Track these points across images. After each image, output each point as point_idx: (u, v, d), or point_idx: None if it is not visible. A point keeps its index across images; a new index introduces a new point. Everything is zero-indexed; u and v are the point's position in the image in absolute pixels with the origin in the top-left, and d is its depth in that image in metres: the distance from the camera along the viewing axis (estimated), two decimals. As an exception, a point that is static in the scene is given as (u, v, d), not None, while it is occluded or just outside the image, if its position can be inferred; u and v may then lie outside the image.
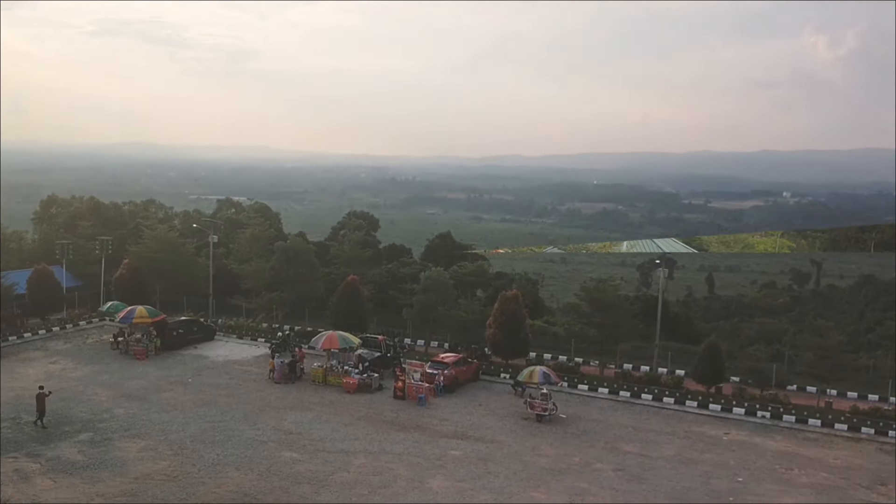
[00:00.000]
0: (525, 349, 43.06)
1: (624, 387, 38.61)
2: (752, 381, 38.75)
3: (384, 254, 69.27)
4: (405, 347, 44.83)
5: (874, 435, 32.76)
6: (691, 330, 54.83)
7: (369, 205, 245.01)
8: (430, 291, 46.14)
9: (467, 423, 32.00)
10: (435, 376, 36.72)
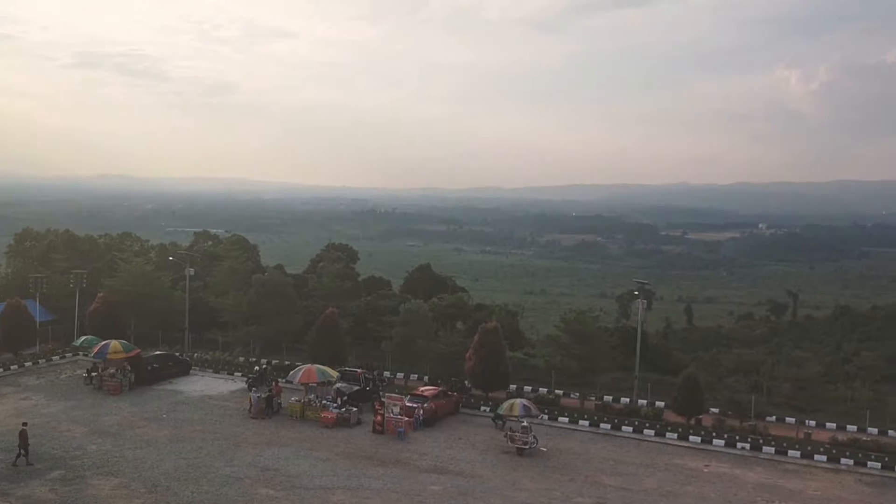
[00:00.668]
0: (505, 382, 42.85)
1: (604, 419, 38.46)
2: (731, 412, 38.84)
3: (363, 286, 69.01)
4: (384, 381, 44.44)
5: (853, 466, 32.80)
6: (670, 361, 54.98)
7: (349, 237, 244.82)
8: (410, 324, 45.91)
9: (447, 458, 31.65)
10: (414, 410, 36.30)
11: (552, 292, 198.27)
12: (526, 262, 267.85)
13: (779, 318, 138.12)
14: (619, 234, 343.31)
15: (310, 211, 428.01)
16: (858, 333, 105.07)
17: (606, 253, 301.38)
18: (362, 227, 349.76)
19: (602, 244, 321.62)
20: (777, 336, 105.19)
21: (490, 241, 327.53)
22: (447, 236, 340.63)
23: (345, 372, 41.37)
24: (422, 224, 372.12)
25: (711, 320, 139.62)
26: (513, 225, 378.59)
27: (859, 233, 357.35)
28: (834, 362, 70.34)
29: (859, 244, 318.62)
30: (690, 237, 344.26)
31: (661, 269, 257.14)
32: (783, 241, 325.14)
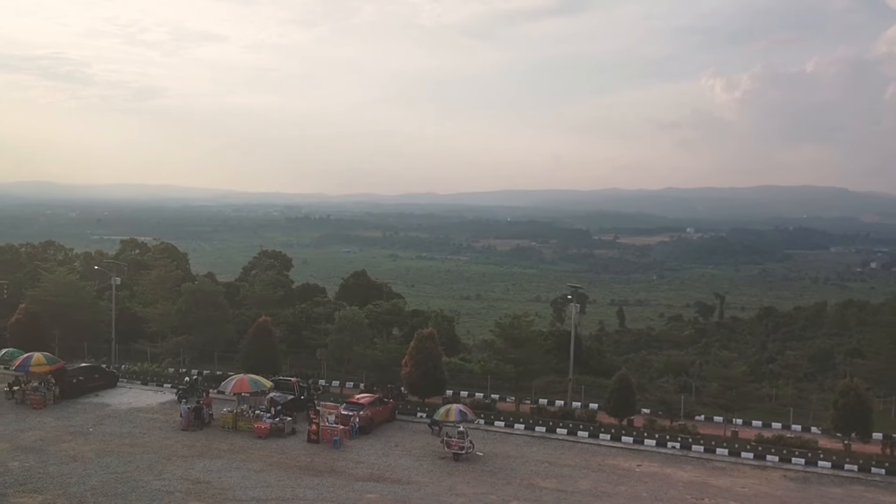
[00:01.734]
0: (441, 387, 42.86)
1: (539, 422, 38.84)
2: (661, 412, 39.72)
3: (297, 293, 68.15)
4: (319, 389, 44.01)
5: (779, 462, 33.88)
6: (604, 363, 55.95)
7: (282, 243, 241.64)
8: (345, 331, 45.55)
9: (384, 465, 31.45)
10: (350, 418, 36.05)
11: (488, 297, 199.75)
12: (462, 268, 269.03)
13: (706, 319, 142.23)
14: (553, 239, 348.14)
15: (241, 218, 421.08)
16: (782, 333, 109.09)
17: (541, 257, 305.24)
18: (296, 233, 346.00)
19: (536, 249, 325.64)
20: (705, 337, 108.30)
21: (426, 247, 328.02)
22: (383, 242, 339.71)
23: (279, 381, 40.76)
24: (357, 230, 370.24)
25: (643, 322, 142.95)
26: (448, 230, 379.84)
27: (782, 236, 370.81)
28: (759, 361, 72.79)
29: (782, 247, 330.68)
30: (622, 241, 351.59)
31: (594, 272, 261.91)
32: (710, 245, 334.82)
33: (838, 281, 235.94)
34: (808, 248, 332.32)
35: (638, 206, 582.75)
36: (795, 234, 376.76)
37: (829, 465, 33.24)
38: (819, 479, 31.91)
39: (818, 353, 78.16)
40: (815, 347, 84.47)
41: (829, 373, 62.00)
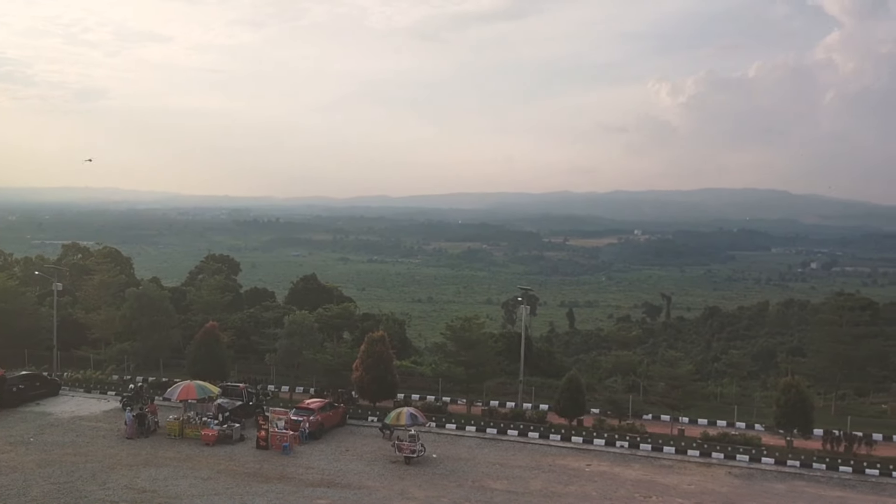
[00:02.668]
0: (392, 391, 42.72)
1: (490, 424, 39.02)
2: (610, 412, 40.23)
3: (245, 298, 67.32)
4: (268, 395, 43.52)
5: (723, 459, 34.62)
6: (554, 364, 56.51)
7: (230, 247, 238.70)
8: (295, 335, 45.11)
9: (334, 470, 31.21)
10: (300, 423, 35.74)
11: (439, 300, 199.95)
12: (413, 271, 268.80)
13: (654, 319, 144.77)
14: (504, 242, 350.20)
15: (188, 221, 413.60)
16: (726, 333, 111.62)
17: (492, 260, 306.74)
18: (244, 237, 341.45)
19: (487, 251, 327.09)
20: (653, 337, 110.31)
21: (377, 250, 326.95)
22: (333, 246, 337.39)
23: (226, 387, 40.15)
24: (307, 233, 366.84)
25: (592, 324, 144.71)
26: (399, 233, 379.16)
27: (725, 238, 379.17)
28: (704, 361, 74.39)
29: (726, 248, 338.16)
30: (572, 244, 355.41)
31: (545, 274, 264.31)
32: (657, 247, 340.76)
33: (780, 281, 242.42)
34: (751, 250, 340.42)
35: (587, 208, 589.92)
36: (739, 236, 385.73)
37: (772, 462, 34.09)
38: (763, 475, 32.68)
39: (761, 352, 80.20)
40: (758, 346, 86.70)
41: (771, 371, 63.57)
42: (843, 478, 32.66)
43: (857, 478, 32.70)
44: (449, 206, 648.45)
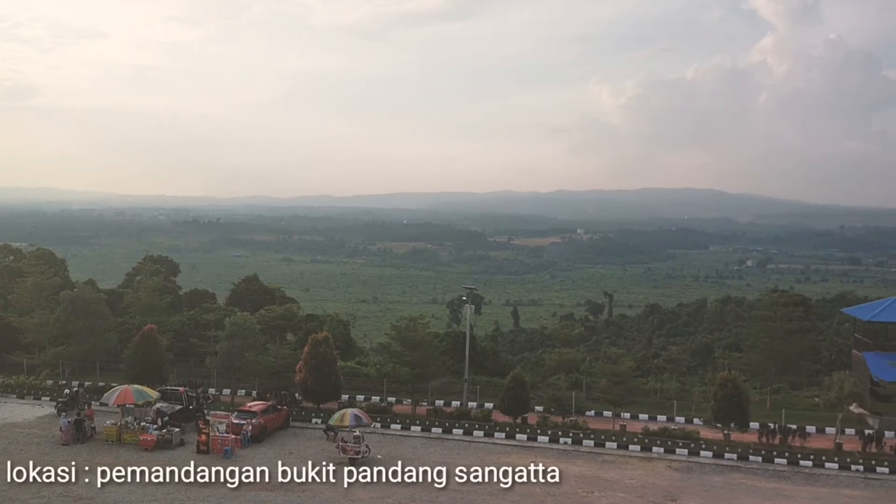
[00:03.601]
0: (337, 392, 42.46)
1: (436, 423, 39.09)
2: (554, 409, 40.67)
3: (185, 300, 66.05)
4: (209, 398, 42.72)
5: (664, 454, 35.34)
6: (499, 363, 56.80)
7: (169, 248, 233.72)
8: (236, 338, 44.40)
9: (277, 473, 30.74)
10: (242, 426, 35.26)
11: (384, 300, 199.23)
12: (358, 271, 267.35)
13: (596, 317, 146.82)
14: (449, 241, 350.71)
15: (125, 221, 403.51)
16: (666, 329, 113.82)
17: (437, 259, 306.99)
18: (184, 238, 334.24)
19: (432, 251, 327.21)
20: (595, 334, 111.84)
21: (321, 251, 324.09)
22: (276, 246, 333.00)
23: (166, 391, 39.48)
24: (248, 234, 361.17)
25: (536, 322, 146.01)
26: (344, 233, 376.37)
27: (665, 236, 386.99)
28: (645, 357, 75.61)
29: (665, 247, 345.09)
30: (516, 243, 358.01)
31: (490, 274, 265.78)
32: (599, 245, 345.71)
33: (717, 279, 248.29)
34: (690, 248, 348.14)
35: (531, 208, 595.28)
36: (677, 235, 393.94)
37: (710, 455, 34.94)
38: (701, 468, 33.46)
39: (699, 348, 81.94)
40: (696, 342, 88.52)
41: (709, 366, 64.99)
42: (778, 469, 33.67)
43: (792, 469, 33.75)
44: (393, 206, 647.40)
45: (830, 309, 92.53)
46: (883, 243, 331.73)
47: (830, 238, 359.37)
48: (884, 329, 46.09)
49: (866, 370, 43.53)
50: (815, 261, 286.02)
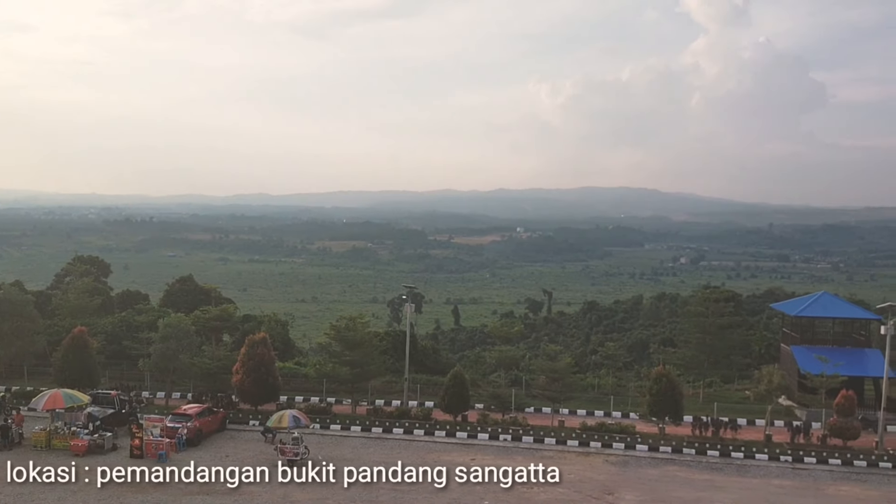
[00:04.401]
0: (275, 394, 41.95)
1: (376, 423, 38.97)
2: (494, 406, 40.97)
3: (117, 301, 64.32)
4: (142, 401, 41.79)
5: (601, 448, 35.98)
6: (439, 362, 56.86)
7: (100, 248, 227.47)
8: (170, 339, 43.51)
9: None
10: (177, 430, 34.56)
11: (324, 300, 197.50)
12: (297, 270, 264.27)
13: (536, 314, 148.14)
14: (390, 240, 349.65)
15: (53, 221, 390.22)
16: (603, 326, 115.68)
17: (377, 258, 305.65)
18: (116, 237, 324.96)
19: (373, 250, 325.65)
20: (535, 331, 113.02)
21: (258, 250, 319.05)
22: (212, 246, 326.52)
23: (97, 395, 38.39)
24: (183, 233, 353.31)
25: (477, 320, 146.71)
26: (282, 232, 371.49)
27: (602, 234, 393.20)
28: (583, 353, 76.79)
29: (602, 245, 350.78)
30: (456, 241, 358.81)
31: (430, 272, 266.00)
32: (538, 244, 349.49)
33: (652, 276, 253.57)
34: (626, 246, 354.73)
35: (471, 206, 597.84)
36: (614, 233, 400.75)
37: (646, 449, 35.71)
38: (637, 461, 34.16)
39: (635, 344, 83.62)
40: (632, 338, 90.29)
41: (645, 361, 66.40)
42: (710, 461, 34.60)
43: (724, 461, 34.72)
44: (333, 205, 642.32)
45: (760, 304, 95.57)
46: (810, 241, 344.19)
47: (760, 236, 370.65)
48: (810, 323, 47.84)
49: (794, 363, 45.07)
50: (745, 258, 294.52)
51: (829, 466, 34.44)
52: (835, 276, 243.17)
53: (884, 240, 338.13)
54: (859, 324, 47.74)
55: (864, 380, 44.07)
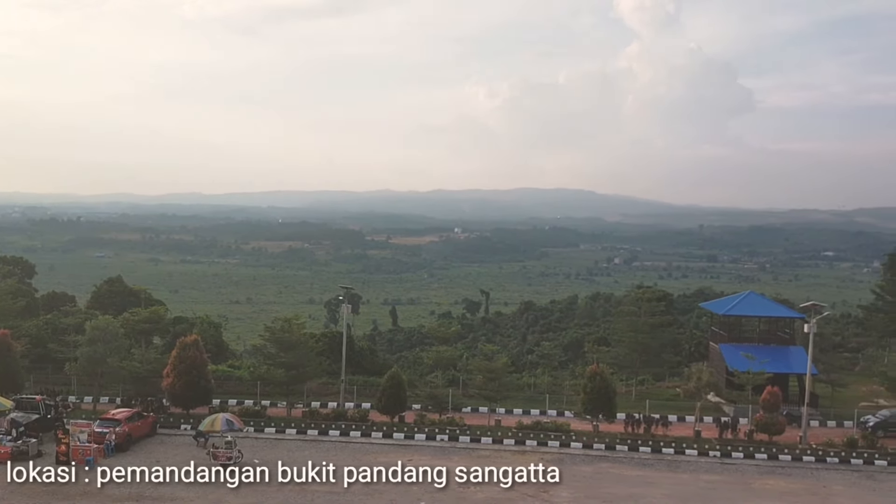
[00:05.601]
0: (207, 397, 41.13)
1: (311, 425, 38.60)
2: (431, 406, 41.03)
3: (42, 303, 62.14)
4: (69, 406, 40.49)
5: (536, 446, 36.41)
6: (376, 363, 56.67)
7: (24, 248, 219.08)
8: (98, 342, 42.25)
9: (143, 483, 29.43)
10: (105, 435, 33.66)
11: (259, 301, 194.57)
12: (230, 271, 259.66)
13: (473, 314, 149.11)
14: (327, 240, 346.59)
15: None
16: (540, 325, 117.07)
17: (314, 259, 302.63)
18: (41, 237, 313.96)
19: (309, 250, 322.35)
20: (472, 332, 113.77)
21: (191, 250, 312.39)
22: (142, 246, 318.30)
23: (21, 400, 37.07)
24: (112, 233, 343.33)
25: (415, 321, 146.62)
26: (215, 232, 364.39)
27: (539, 235, 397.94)
28: (520, 353, 77.67)
29: (539, 245, 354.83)
30: (394, 242, 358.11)
31: (368, 273, 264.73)
32: (476, 244, 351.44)
33: (587, 276, 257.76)
34: (562, 246, 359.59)
35: (409, 207, 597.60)
36: (550, 233, 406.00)
37: (580, 446, 36.29)
38: (572, 459, 34.66)
39: (571, 343, 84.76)
40: (568, 337, 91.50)
41: (579, 360, 67.35)
42: (642, 458, 35.34)
43: (655, 457, 35.51)
44: (268, 204, 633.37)
45: (690, 304, 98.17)
46: (737, 242, 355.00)
47: (690, 237, 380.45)
48: (737, 322, 49.35)
49: (722, 361, 46.41)
50: (676, 258, 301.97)
51: (755, 461, 35.56)
52: (761, 275, 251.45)
53: (807, 241, 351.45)
54: (784, 322, 49.46)
55: (788, 376, 45.61)
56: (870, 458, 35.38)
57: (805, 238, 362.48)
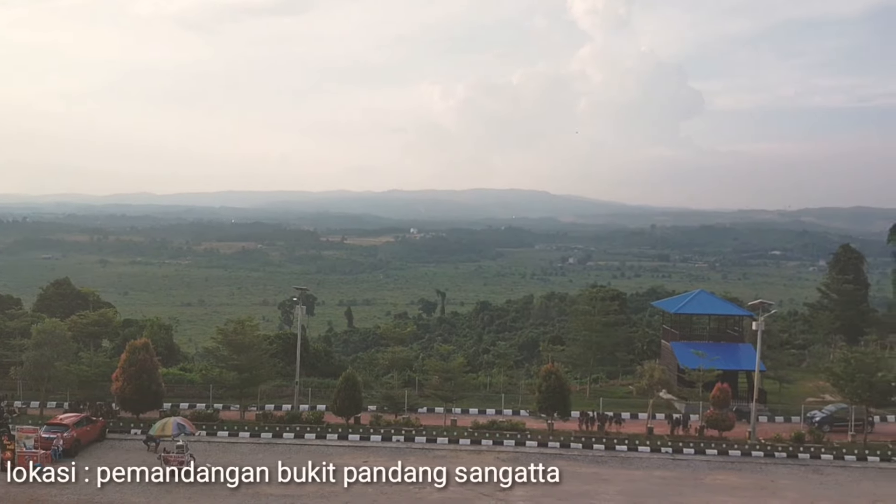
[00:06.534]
0: (158, 401, 40.39)
1: (265, 428, 38.16)
2: (387, 407, 40.92)
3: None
4: (14, 412, 39.26)
5: (492, 445, 36.56)
6: (331, 364, 56.35)
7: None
8: (44, 346, 41.18)
9: (93, 489, 28.80)
10: (52, 441, 32.81)
11: (211, 303, 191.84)
12: (182, 272, 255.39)
13: (429, 315, 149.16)
14: (281, 241, 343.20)
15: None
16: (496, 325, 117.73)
17: (268, 260, 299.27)
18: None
19: (263, 251, 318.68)
20: (428, 332, 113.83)
21: (140, 251, 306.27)
22: (90, 247, 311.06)
23: (-38, 406, 35.85)
24: (59, 234, 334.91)
25: (370, 322, 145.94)
26: (166, 233, 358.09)
27: (494, 235, 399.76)
28: (476, 353, 77.82)
29: (494, 245, 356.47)
30: (349, 242, 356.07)
31: (323, 274, 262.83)
32: (432, 244, 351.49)
33: (542, 276, 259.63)
34: (517, 246, 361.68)
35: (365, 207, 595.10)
36: (506, 234, 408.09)
37: (535, 444, 36.52)
38: (527, 457, 34.84)
39: (526, 342, 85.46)
40: (523, 337, 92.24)
41: (535, 359, 67.94)
42: (596, 455, 35.75)
43: (609, 454, 35.94)
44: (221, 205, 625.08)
45: (643, 302, 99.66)
46: (688, 241, 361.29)
47: (643, 237, 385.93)
48: (688, 320, 50.20)
49: (674, 359, 47.19)
50: (629, 258, 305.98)
51: (706, 456, 36.22)
52: (711, 274, 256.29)
53: (755, 240, 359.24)
54: (733, 320, 50.45)
55: (738, 373, 46.53)
56: (816, 452, 36.30)
57: (753, 237, 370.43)
